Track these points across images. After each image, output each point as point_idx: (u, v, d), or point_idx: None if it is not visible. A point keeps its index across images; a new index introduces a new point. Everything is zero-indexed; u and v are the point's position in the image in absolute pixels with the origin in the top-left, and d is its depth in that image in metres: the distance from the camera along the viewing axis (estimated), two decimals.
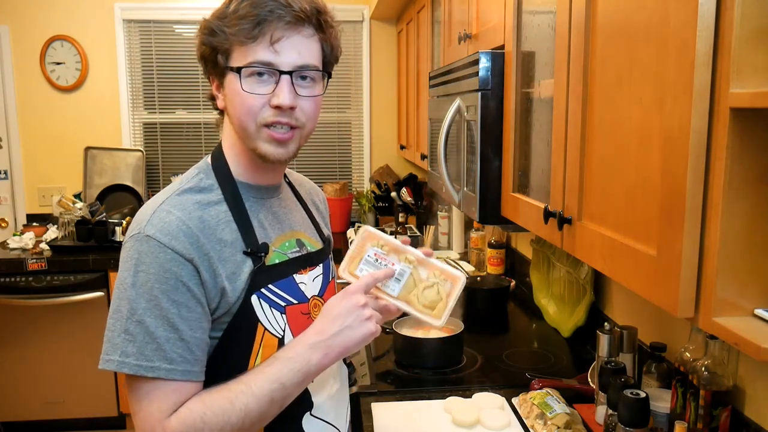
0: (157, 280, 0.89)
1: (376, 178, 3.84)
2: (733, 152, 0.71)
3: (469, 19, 1.85)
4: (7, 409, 3.21)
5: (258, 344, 0.97)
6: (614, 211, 0.97)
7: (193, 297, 0.90)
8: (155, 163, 3.80)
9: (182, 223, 0.92)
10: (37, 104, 3.64)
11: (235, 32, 0.92)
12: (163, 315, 0.88)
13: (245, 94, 0.94)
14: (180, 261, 0.90)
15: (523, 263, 2.53)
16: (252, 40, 0.92)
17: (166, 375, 0.88)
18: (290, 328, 1.01)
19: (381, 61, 3.87)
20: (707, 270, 0.75)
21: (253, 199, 1.02)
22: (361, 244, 1.07)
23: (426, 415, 1.49)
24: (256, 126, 0.95)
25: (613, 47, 0.96)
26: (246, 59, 0.93)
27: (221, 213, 0.97)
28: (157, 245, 0.89)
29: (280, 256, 1.02)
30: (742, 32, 0.69)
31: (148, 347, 0.88)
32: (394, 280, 1.05)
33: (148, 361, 0.88)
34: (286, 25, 0.92)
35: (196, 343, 0.91)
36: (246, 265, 0.96)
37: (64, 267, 3.10)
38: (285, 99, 0.93)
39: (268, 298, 0.98)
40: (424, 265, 1.06)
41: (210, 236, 0.93)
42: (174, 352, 0.89)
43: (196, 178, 1.00)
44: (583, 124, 1.07)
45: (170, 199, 0.95)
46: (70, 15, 3.59)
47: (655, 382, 1.34)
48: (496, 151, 1.54)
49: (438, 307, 1.04)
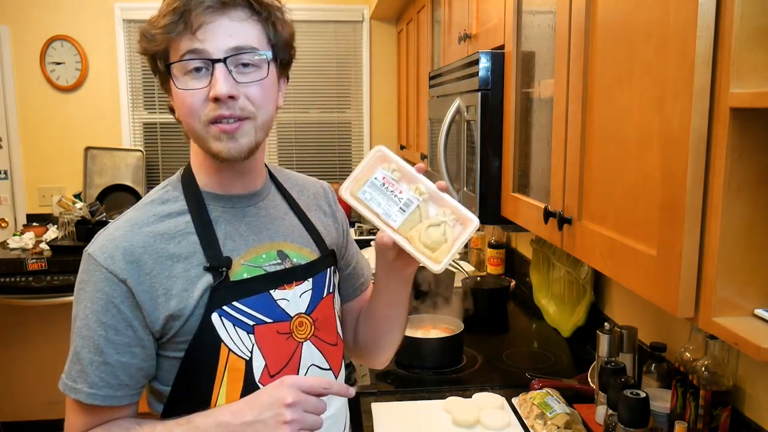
0: (90, 299, 0.87)
1: None
2: (733, 152, 0.71)
3: (469, 19, 1.85)
4: (7, 409, 3.21)
5: (223, 366, 0.90)
6: (614, 211, 0.97)
7: (123, 320, 0.86)
8: (155, 163, 3.80)
9: (124, 240, 0.88)
10: (37, 104, 3.64)
11: (161, 30, 0.85)
12: (90, 336, 0.87)
13: (182, 92, 0.87)
14: (113, 281, 0.86)
15: (523, 263, 2.53)
16: (177, 34, 0.84)
17: (85, 399, 0.87)
18: (260, 350, 0.92)
19: (381, 61, 3.87)
20: (707, 270, 0.75)
21: (221, 209, 0.95)
22: (371, 165, 0.94)
23: (426, 415, 1.49)
24: (201, 124, 0.87)
25: (613, 47, 0.96)
26: (176, 55, 0.86)
27: (181, 224, 0.91)
28: (94, 264, 0.87)
29: (252, 270, 0.93)
30: (742, 32, 0.69)
31: (75, 368, 0.88)
32: (398, 210, 0.92)
33: (72, 382, 0.88)
34: (207, 10, 0.84)
35: (122, 368, 0.87)
36: (202, 281, 0.89)
37: (64, 267, 3.10)
38: (221, 89, 0.84)
39: (231, 316, 0.90)
40: (435, 200, 0.93)
41: (157, 253, 0.88)
42: (96, 376, 0.87)
43: (162, 190, 0.96)
44: (583, 124, 1.07)
45: (127, 213, 0.93)
46: (70, 15, 3.59)
47: (655, 382, 1.34)
48: (496, 151, 1.54)
49: (440, 250, 0.90)
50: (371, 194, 0.93)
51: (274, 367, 0.94)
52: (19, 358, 3.16)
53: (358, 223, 3.79)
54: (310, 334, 0.99)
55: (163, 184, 0.98)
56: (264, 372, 0.93)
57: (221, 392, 0.90)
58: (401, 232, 0.92)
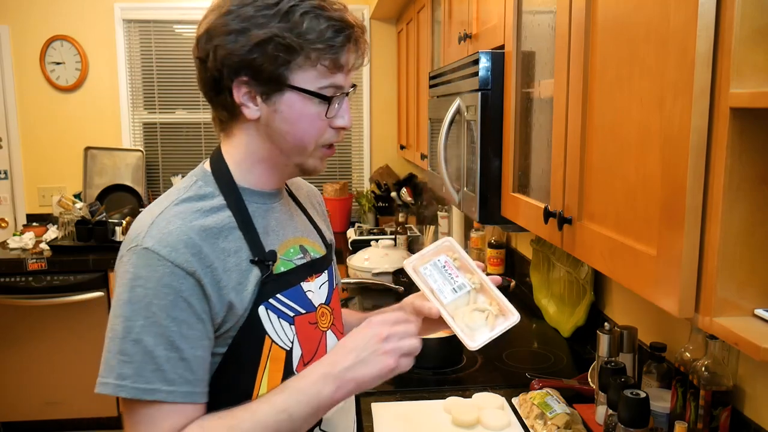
0: (155, 295, 0.83)
1: (376, 178, 3.84)
2: (733, 152, 0.71)
3: (469, 19, 1.85)
4: (7, 409, 3.21)
5: (265, 358, 0.92)
6: (614, 211, 0.97)
7: (194, 313, 0.85)
8: (155, 163, 3.80)
9: (183, 233, 0.86)
10: (37, 104, 3.64)
11: (320, 55, 0.89)
12: (162, 333, 0.83)
13: (310, 115, 0.92)
14: (180, 275, 0.84)
15: (523, 263, 2.53)
16: (337, 68, 0.91)
17: (165, 398, 0.82)
18: (299, 340, 0.96)
19: (381, 61, 3.87)
20: (707, 270, 0.75)
21: (255, 204, 0.97)
22: (437, 250, 1.06)
23: (426, 415, 1.49)
24: (315, 146, 0.95)
25: (613, 47, 0.96)
26: (321, 82, 0.91)
27: (224, 219, 0.91)
28: (155, 258, 0.83)
29: (286, 263, 0.97)
30: (742, 32, 0.69)
31: (147, 368, 0.82)
32: (450, 290, 1.02)
33: (146, 383, 0.82)
34: (362, 54, 0.94)
35: (198, 363, 0.86)
36: (252, 275, 0.90)
37: (64, 267, 3.11)
38: (350, 122, 0.96)
39: (276, 308, 0.93)
40: (484, 291, 1.04)
41: (213, 245, 0.88)
42: (174, 373, 0.83)
43: (195, 186, 0.94)
44: (583, 124, 1.07)
45: (168, 208, 0.90)
46: (70, 15, 3.59)
47: (655, 382, 1.34)
48: (496, 151, 1.54)
49: (479, 332, 1.01)
50: (431, 272, 1.03)
51: (307, 355, 0.97)
52: (19, 358, 3.16)
53: (358, 223, 3.79)
54: (330, 323, 1.04)
55: (191, 179, 0.96)
56: (300, 361, 0.96)
57: (263, 383, 0.92)
58: (448, 309, 1.01)
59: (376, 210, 3.81)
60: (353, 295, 2.54)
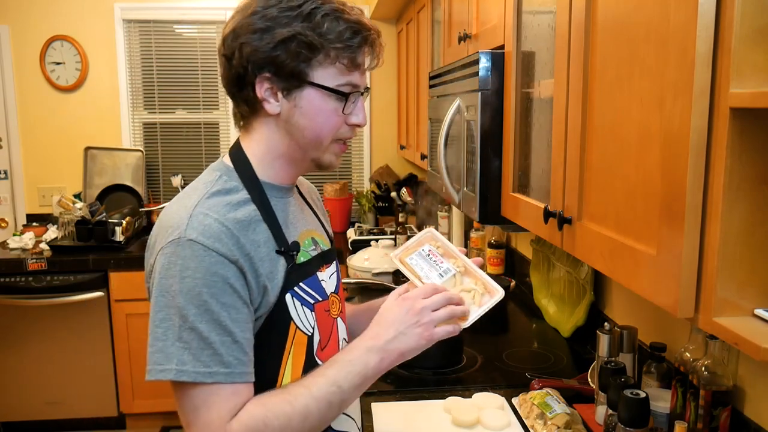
0: (204, 284, 0.88)
1: (376, 178, 3.84)
2: (733, 152, 0.71)
3: (469, 19, 1.85)
4: (7, 409, 3.21)
5: (290, 342, 0.98)
6: (614, 211, 0.97)
7: (239, 298, 0.91)
8: (155, 163, 3.80)
9: (221, 224, 0.91)
10: (37, 104, 3.64)
11: (339, 54, 0.95)
12: (214, 319, 0.88)
13: (328, 110, 0.97)
14: (225, 263, 0.89)
15: (523, 263, 2.53)
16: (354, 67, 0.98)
17: (224, 379, 0.88)
18: (318, 326, 1.03)
19: None
20: (707, 270, 0.75)
21: (275, 198, 1.03)
22: (421, 241, 1.12)
23: (426, 415, 1.49)
24: (330, 141, 1.00)
25: (613, 47, 0.96)
26: (338, 80, 0.97)
27: (251, 213, 0.97)
28: (201, 249, 0.88)
29: (305, 254, 1.04)
30: (742, 32, 0.69)
31: (204, 353, 0.87)
32: (437, 275, 1.07)
33: (205, 367, 0.87)
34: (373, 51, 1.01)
35: (248, 344, 0.92)
36: (280, 264, 0.97)
37: (64, 267, 3.11)
38: (365, 120, 1.00)
39: (299, 296, 1.00)
40: (469, 273, 1.09)
41: (246, 236, 0.93)
42: (230, 356, 0.89)
43: (219, 180, 0.99)
44: (583, 124, 1.07)
45: (202, 202, 0.94)
46: (70, 15, 3.59)
47: (655, 382, 1.34)
48: (496, 151, 1.54)
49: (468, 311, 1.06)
50: (417, 261, 1.09)
51: (324, 340, 1.04)
52: (19, 358, 3.16)
53: (358, 223, 3.79)
54: (339, 311, 1.12)
55: (215, 174, 1.01)
56: (318, 346, 1.03)
57: (287, 368, 0.98)
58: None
59: (376, 210, 3.81)
60: (353, 295, 2.54)
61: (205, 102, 3.78)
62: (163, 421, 3.31)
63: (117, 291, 3.14)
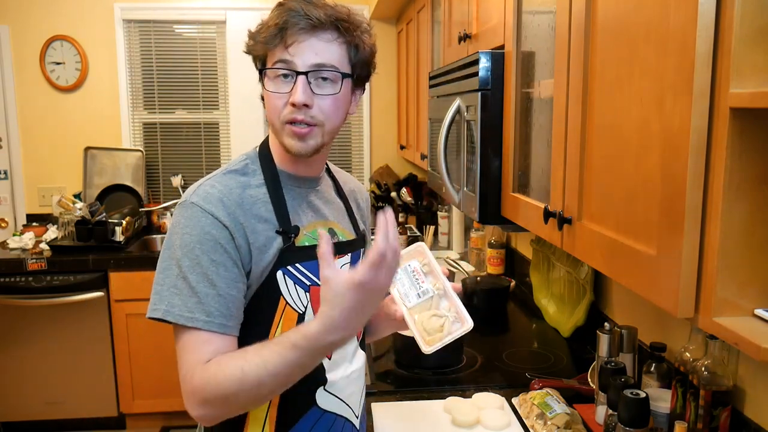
0: (198, 241, 0.99)
1: (376, 178, 3.84)
2: (733, 152, 0.71)
3: (469, 19, 1.85)
4: (7, 409, 3.21)
5: (279, 316, 1.05)
6: (614, 211, 0.97)
7: (230, 258, 1.00)
8: (155, 163, 3.80)
9: (222, 195, 1.03)
10: (37, 104, 3.64)
11: (263, 39, 1.03)
12: (203, 272, 0.98)
13: (270, 93, 1.04)
14: (218, 225, 1.00)
15: (523, 263, 2.53)
16: (274, 45, 1.02)
17: (204, 326, 0.97)
18: (312, 307, 1.07)
19: (381, 61, 3.84)
20: (707, 270, 0.75)
21: (290, 186, 1.11)
22: (410, 255, 1.18)
23: (426, 415, 1.49)
24: (279, 122, 1.04)
25: (613, 47, 0.96)
26: (270, 62, 1.04)
27: (260, 194, 1.07)
28: (199, 211, 1.00)
29: (311, 240, 1.10)
30: (742, 32, 0.69)
31: (191, 300, 0.97)
32: (415, 294, 1.14)
33: (189, 312, 0.97)
34: (300, 30, 1.01)
35: (232, 300, 1.00)
36: (276, 242, 1.05)
37: (63, 267, 3.10)
38: (299, 97, 1.01)
39: (293, 275, 1.06)
40: (447, 297, 1.14)
41: (246, 211, 1.03)
42: (212, 306, 0.97)
43: (242, 162, 1.11)
44: (583, 124, 1.07)
45: (216, 176, 1.07)
46: (70, 15, 3.59)
47: (655, 382, 1.34)
48: (496, 151, 1.54)
49: (434, 337, 1.11)
50: (401, 276, 1.16)
51: None
52: (19, 358, 3.16)
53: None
54: None
55: (243, 157, 1.13)
56: None
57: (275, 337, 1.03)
58: (411, 311, 1.14)
59: (376, 210, 3.80)
60: None
61: (205, 102, 3.78)
62: (163, 421, 3.31)
63: (117, 291, 3.13)
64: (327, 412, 1.11)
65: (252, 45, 1.07)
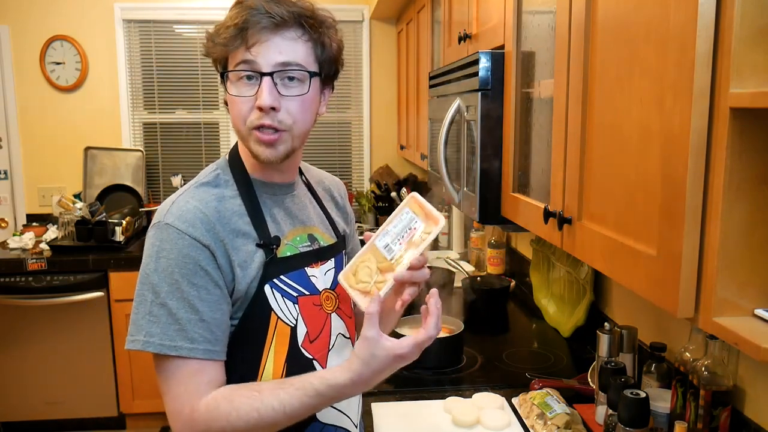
0: (177, 264, 0.93)
1: (376, 178, 3.84)
2: (733, 152, 0.71)
3: (469, 19, 1.85)
4: (7, 409, 3.21)
5: (272, 332, 1.01)
6: (614, 211, 0.97)
7: (211, 280, 0.95)
8: (155, 163, 3.80)
9: (199, 211, 0.96)
10: (37, 104, 3.64)
11: (221, 41, 0.97)
12: (183, 297, 0.93)
13: (233, 98, 0.98)
14: (197, 246, 0.94)
15: (523, 263, 2.53)
16: (235, 47, 0.96)
17: (188, 353, 0.92)
18: (303, 318, 1.04)
19: (381, 61, 3.87)
20: (707, 270, 0.75)
21: (266, 195, 1.06)
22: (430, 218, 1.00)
23: (426, 415, 1.49)
24: (246, 129, 0.98)
25: (612, 47, 0.96)
26: (232, 64, 0.98)
27: (236, 206, 1.01)
28: (176, 232, 0.94)
29: (292, 249, 1.06)
30: (742, 32, 0.69)
31: (171, 328, 0.92)
32: (385, 244, 1.00)
33: (171, 341, 0.92)
34: (263, 29, 0.94)
35: (217, 324, 0.95)
36: (257, 256, 1.00)
37: (64, 267, 3.10)
38: (265, 99, 0.95)
39: (280, 288, 1.01)
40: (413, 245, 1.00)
41: (225, 225, 0.98)
42: (195, 332, 0.93)
43: (213, 173, 1.05)
44: (583, 124, 1.07)
45: (189, 191, 1.01)
46: (70, 15, 3.59)
47: (655, 382, 1.34)
48: (496, 151, 1.54)
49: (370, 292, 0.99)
50: (396, 223, 1.02)
51: (313, 333, 1.06)
52: (19, 358, 3.16)
53: (358, 223, 3.79)
54: (335, 307, 1.11)
55: (213, 168, 1.07)
56: (305, 338, 1.04)
57: (269, 356, 1.01)
58: (370, 251, 1.02)
59: (376, 210, 3.80)
60: None
61: (205, 102, 3.78)
62: (163, 421, 3.31)
63: (117, 291, 3.14)
64: (327, 425, 1.09)
65: (211, 47, 1.00)
